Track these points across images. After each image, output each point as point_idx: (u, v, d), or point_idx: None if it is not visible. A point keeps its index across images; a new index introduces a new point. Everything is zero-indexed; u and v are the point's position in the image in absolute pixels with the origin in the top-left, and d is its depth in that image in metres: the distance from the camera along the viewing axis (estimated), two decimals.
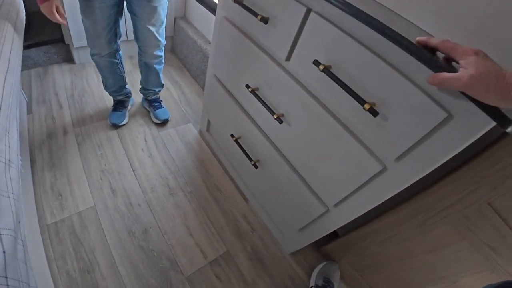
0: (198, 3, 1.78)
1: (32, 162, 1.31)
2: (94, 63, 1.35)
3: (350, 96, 0.65)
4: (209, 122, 1.46)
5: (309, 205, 0.96)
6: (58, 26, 1.70)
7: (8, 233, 0.57)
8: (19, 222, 0.64)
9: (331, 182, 0.84)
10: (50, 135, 1.44)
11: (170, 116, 1.62)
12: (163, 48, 1.37)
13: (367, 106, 0.62)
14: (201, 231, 1.23)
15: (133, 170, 1.37)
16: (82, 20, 1.15)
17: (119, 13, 1.20)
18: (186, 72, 2.02)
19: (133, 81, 1.84)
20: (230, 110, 1.18)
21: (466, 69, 0.45)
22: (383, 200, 0.75)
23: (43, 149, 1.37)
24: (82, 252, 1.10)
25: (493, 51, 0.48)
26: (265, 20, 0.82)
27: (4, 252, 0.53)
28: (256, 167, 1.11)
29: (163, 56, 1.41)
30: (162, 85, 1.55)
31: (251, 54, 0.95)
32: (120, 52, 1.36)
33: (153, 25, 1.22)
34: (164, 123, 1.60)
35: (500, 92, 0.43)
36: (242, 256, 1.20)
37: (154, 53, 1.33)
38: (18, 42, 1.00)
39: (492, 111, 0.46)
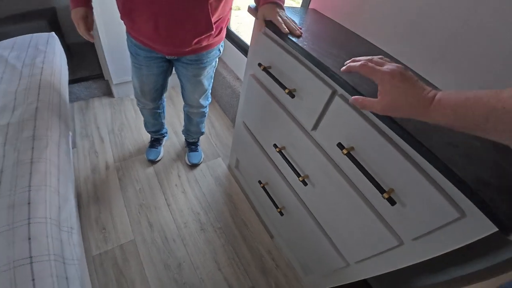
0: (229, 41, 1.88)
1: (78, 195, 1.48)
2: (131, 97, 1.47)
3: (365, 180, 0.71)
4: (237, 160, 1.56)
5: (331, 257, 1.01)
6: (97, 62, 1.87)
7: None
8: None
9: (352, 243, 0.90)
10: (94, 169, 1.60)
11: (201, 161, 1.72)
12: (207, 106, 1.46)
13: (386, 196, 0.67)
14: (229, 266, 1.33)
15: (168, 205, 1.50)
16: (132, 78, 1.28)
17: (167, 77, 1.29)
18: (216, 104, 2.14)
19: (174, 115, 1.98)
20: (257, 158, 1.26)
21: (381, 96, 0.49)
22: (400, 267, 0.80)
23: (88, 183, 1.53)
24: (123, 283, 1.23)
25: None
26: (292, 95, 0.89)
27: None
28: (281, 214, 1.19)
29: (206, 112, 1.50)
30: (202, 133, 1.66)
31: (278, 115, 1.02)
32: (164, 102, 1.49)
33: (197, 93, 1.32)
34: (193, 166, 1.70)
35: (417, 114, 0.46)
36: None
37: (197, 111, 1.44)
38: (65, 112, 1.13)
39: (498, 220, 0.50)
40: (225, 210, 1.53)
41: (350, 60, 0.58)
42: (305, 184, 0.96)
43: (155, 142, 1.66)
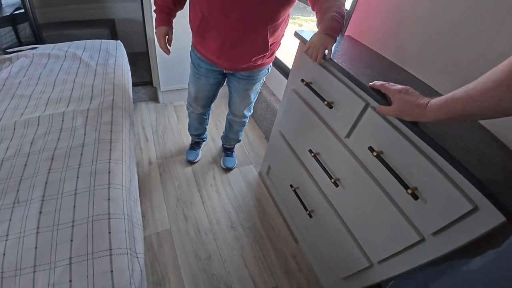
0: None
1: None
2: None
3: (394, 181, 0.82)
4: (269, 167, 1.69)
5: (355, 258, 1.09)
6: (147, 70, 2.13)
7: (142, 257, 0.83)
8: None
9: (377, 241, 0.98)
10: (138, 163, 1.79)
11: (235, 165, 1.87)
12: (248, 117, 1.63)
13: (409, 191, 0.78)
14: (255, 264, 1.42)
15: (203, 202, 1.64)
16: (188, 84, 1.47)
17: (219, 88, 1.47)
18: (250, 118, 2.32)
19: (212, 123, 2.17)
20: (291, 164, 1.39)
21: (393, 105, 0.75)
22: (421, 263, 0.87)
23: None
24: (157, 267, 1.36)
25: None
26: (330, 106, 1.03)
27: (141, 271, 0.78)
28: (310, 216, 1.29)
29: (247, 122, 1.67)
30: (239, 141, 1.83)
31: (315, 125, 1.16)
32: (211, 110, 1.68)
33: (244, 104, 1.49)
34: (228, 169, 1.85)
35: (417, 116, 0.68)
36: None
37: (239, 120, 1.61)
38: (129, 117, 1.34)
39: (505, 210, 0.59)
40: (254, 213, 1.64)
41: (376, 81, 0.85)
42: (337, 185, 1.07)
43: (195, 145, 1.84)
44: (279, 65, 2.01)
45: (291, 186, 1.40)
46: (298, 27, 2.78)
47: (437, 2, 0.97)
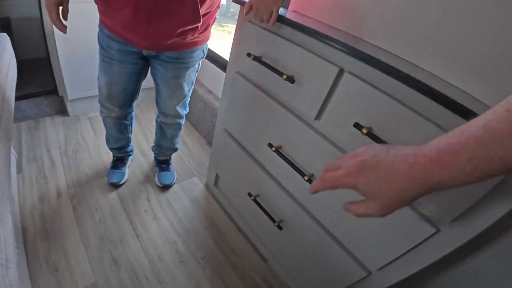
0: None
1: (24, 229, 1.16)
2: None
3: None
4: (217, 176, 1.38)
5: (347, 269, 0.87)
6: (51, 76, 1.63)
7: None
8: None
9: (375, 244, 0.77)
10: (42, 197, 1.30)
11: (174, 181, 1.49)
12: (184, 117, 1.30)
13: None
14: None
15: (137, 236, 1.24)
16: (98, 77, 1.09)
17: (142, 78, 1.13)
18: (186, 121, 1.96)
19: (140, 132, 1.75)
20: (245, 167, 1.11)
21: (368, 200, 0.38)
22: (435, 260, 0.68)
23: (34, 214, 1.22)
24: None
25: None
26: (291, 80, 0.79)
27: None
28: (280, 228, 1.02)
29: (183, 124, 1.33)
30: (175, 150, 1.46)
31: (272, 111, 0.91)
32: (133, 113, 1.29)
33: (175, 99, 1.16)
34: (165, 187, 1.47)
35: (418, 188, 0.33)
36: None
37: (173, 121, 1.26)
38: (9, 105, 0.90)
39: None
40: (207, 236, 1.30)
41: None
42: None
43: (119, 162, 1.42)
44: (213, 58, 1.71)
45: (249, 195, 1.12)
46: (228, 34, 2.61)
47: None
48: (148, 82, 1.16)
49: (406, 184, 0.33)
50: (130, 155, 1.46)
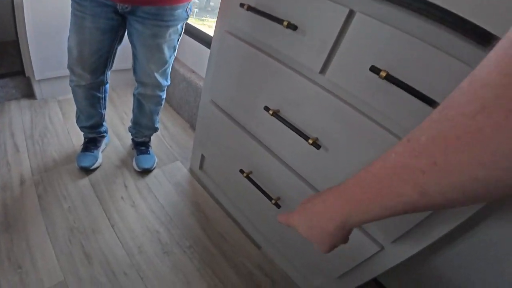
0: None
1: None
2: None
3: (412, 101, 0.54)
4: (203, 158, 1.25)
5: (357, 245, 0.78)
6: (18, 56, 1.44)
7: None
8: None
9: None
10: (4, 186, 1.12)
11: (154, 165, 1.34)
12: (165, 89, 1.16)
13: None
14: None
15: (112, 226, 1.08)
16: (68, 38, 0.94)
17: (117, 40, 0.99)
18: (166, 104, 1.80)
19: (116, 116, 1.58)
20: (236, 142, 1.00)
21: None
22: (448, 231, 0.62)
23: None
24: None
25: None
26: (293, 27, 0.68)
27: None
28: (278, 206, 0.92)
29: (164, 98, 1.19)
30: (155, 129, 1.31)
31: (268, 71, 0.80)
32: (107, 85, 1.14)
33: (154, 63, 1.02)
34: (145, 172, 1.31)
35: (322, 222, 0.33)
36: None
37: (152, 93, 1.12)
38: None
39: None
40: (193, 223, 1.17)
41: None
42: (318, 147, 0.72)
43: (91, 144, 1.25)
44: (196, 34, 1.57)
45: (242, 172, 1.01)
46: (208, 28, 2.57)
47: None
48: (125, 63, 1.02)
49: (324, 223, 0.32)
50: (103, 136, 1.29)
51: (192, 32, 1.57)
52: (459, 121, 0.19)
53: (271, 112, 0.80)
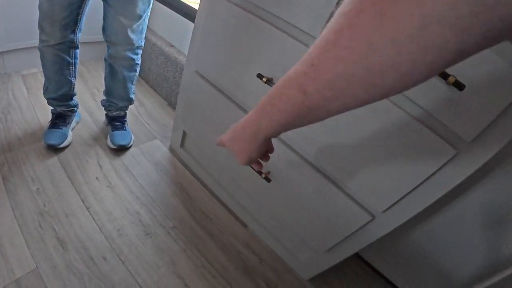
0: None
1: None
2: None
3: None
4: (184, 134, 1.18)
5: (348, 216, 0.78)
6: None
7: None
8: None
9: (380, 186, 0.68)
10: None
11: (131, 142, 1.24)
12: (139, 52, 1.07)
13: (451, 80, 0.48)
14: (199, 277, 0.93)
15: (87, 208, 1.00)
16: None
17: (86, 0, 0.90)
18: (142, 81, 1.68)
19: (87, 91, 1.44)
20: (222, 113, 0.94)
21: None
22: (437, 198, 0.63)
23: None
24: None
25: None
26: None
27: None
28: (268, 180, 0.89)
29: (138, 63, 1.09)
30: (130, 100, 1.20)
31: (261, 36, 0.75)
32: (78, 51, 1.03)
33: (126, 17, 0.93)
34: (120, 149, 1.21)
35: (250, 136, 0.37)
36: None
37: (124, 54, 1.02)
38: None
39: None
40: (176, 204, 1.11)
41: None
42: None
43: (60, 120, 1.12)
44: (174, 5, 1.45)
45: None
46: (194, 5, 2.45)
47: None
48: (95, 35, 0.91)
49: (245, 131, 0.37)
50: (73, 111, 1.17)
51: (170, 3, 1.46)
52: (334, 20, 0.21)
53: (264, 79, 0.76)
